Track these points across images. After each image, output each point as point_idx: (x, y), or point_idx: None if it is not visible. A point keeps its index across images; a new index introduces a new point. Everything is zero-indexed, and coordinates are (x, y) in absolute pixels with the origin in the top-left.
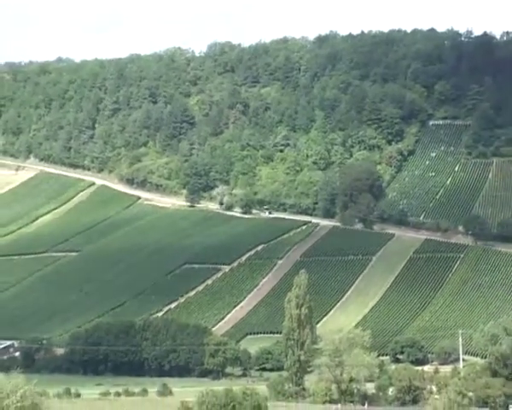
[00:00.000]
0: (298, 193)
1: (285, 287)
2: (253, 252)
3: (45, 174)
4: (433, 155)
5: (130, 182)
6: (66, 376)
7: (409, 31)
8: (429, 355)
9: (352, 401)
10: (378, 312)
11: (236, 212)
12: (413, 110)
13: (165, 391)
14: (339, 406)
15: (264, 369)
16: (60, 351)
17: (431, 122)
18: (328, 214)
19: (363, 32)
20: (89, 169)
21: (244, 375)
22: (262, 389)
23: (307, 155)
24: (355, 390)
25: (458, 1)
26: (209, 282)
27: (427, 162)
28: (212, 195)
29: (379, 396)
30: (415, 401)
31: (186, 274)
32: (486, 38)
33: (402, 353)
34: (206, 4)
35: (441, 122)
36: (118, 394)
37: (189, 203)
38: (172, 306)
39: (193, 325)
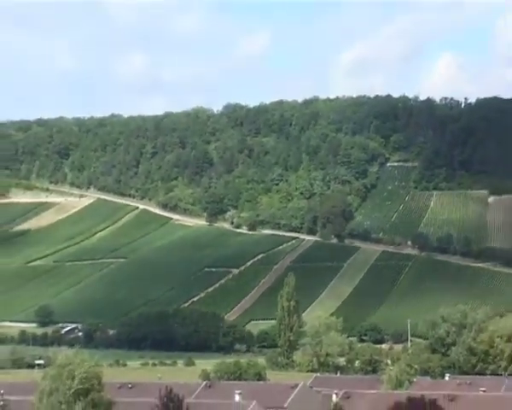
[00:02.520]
0: (289, 216)
1: (279, 285)
2: (255, 259)
3: (102, 201)
4: (390, 188)
5: (164, 207)
6: (116, 350)
7: (372, 96)
8: (386, 337)
9: (327, 371)
10: (348, 304)
11: (243, 229)
12: (374, 155)
13: (189, 362)
14: (318, 374)
15: (263, 346)
16: (112, 332)
17: (388, 164)
18: (312, 232)
19: (337, 96)
20: (134, 197)
21: (248, 351)
22: (261, 361)
23: (296, 188)
24: (330, 362)
25: (409, 74)
26: (222, 281)
27: (385, 194)
28: (225, 217)
29: (348, 367)
30: (374, 371)
31: (206, 275)
32: (429, 102)
33: (365, 335)
34: (222, 74)
35: (395, 164)
36: (154, 364)
37: (208, 223)
38: (195, 299)
39: (210, 313)
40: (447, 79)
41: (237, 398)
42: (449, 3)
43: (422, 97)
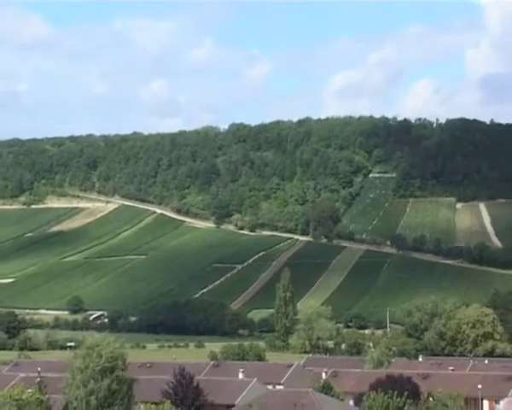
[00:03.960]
0: (285, 219)
1: (276, 279)
2: (256, 256)
3: (125, 206)
4: (372, 196)
5: (178, 211)
6: (137, 334)
7: (357, 116)
8: (368, 323)
9: (318, 352)
10: (336, 295)
11: (246, 231)
12: (359, 167)
13: (199, 345)
14: (310, 355)
15: (263, 331)
16: (133, 318)
17: (370, 175)
18: (305, 233)
19: (327, 117)
20: (152, 203)
21: (250, 335)
22: (261, 344)
23: (291, 195)
24: (320, 345)
25: (389, 97)
26: (228, 275)
27: (368, 201)
28: (230, 220)
29: (336, 349)
30: (358, 353)
31: (213, 270)
32: (406, 122)
33: (351, 321)
34: (228, 97)
35: (377, 175)
36: (169, 346)
37: (215, 225)
38: (205, 290)
39: (218, 302)
40: (421, 103)
41: (241, 376)
42: (425, 34)
43: (400, 118)
